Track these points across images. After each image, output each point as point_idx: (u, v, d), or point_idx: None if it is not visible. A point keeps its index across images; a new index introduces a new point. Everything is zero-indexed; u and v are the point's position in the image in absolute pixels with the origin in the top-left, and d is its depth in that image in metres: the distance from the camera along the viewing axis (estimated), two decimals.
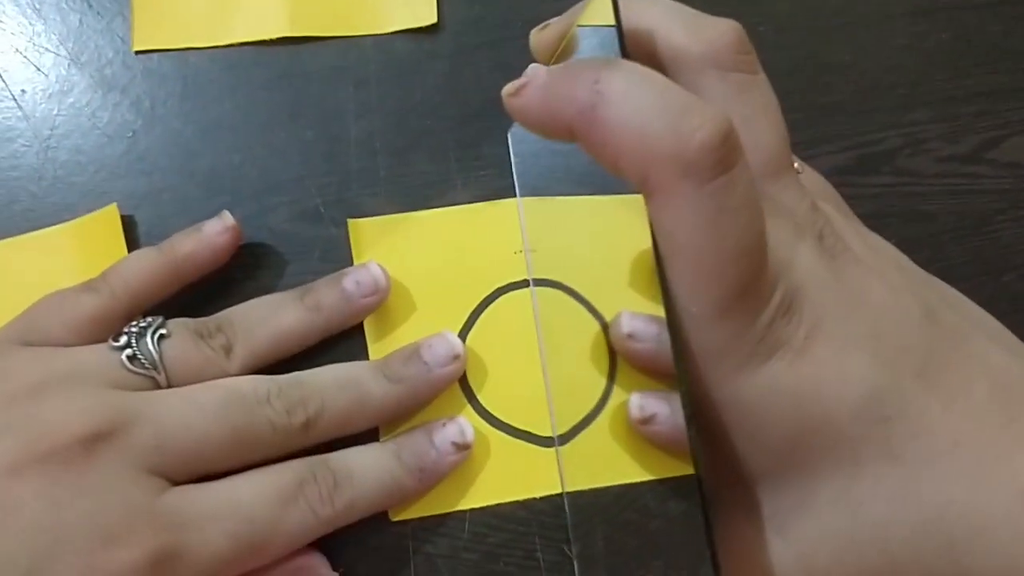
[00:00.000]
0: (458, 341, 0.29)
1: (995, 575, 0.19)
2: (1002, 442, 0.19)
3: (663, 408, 0.23)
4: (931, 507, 0.19)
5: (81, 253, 0.29)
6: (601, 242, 0.27)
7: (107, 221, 0.29)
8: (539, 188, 0.30)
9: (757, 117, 0.21)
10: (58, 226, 0.29)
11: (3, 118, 0.30)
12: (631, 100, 0.18)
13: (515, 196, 0.31)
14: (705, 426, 0.20)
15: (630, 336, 0.25)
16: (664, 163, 0.18)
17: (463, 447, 0.28)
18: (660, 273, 0.19)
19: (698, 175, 0.17)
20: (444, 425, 0.28)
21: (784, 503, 0.20)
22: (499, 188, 0.31)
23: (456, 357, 0.28)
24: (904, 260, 0.23)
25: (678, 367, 0.19)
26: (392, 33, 0.32)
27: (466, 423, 0.28)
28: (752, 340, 0.19)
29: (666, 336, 0.20)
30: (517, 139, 0.31)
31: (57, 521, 0.22)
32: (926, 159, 0.33)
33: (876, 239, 0.24)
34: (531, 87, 0.20)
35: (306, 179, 0.31)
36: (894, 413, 0.19)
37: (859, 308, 0.20)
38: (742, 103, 0.21)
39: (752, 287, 0.19)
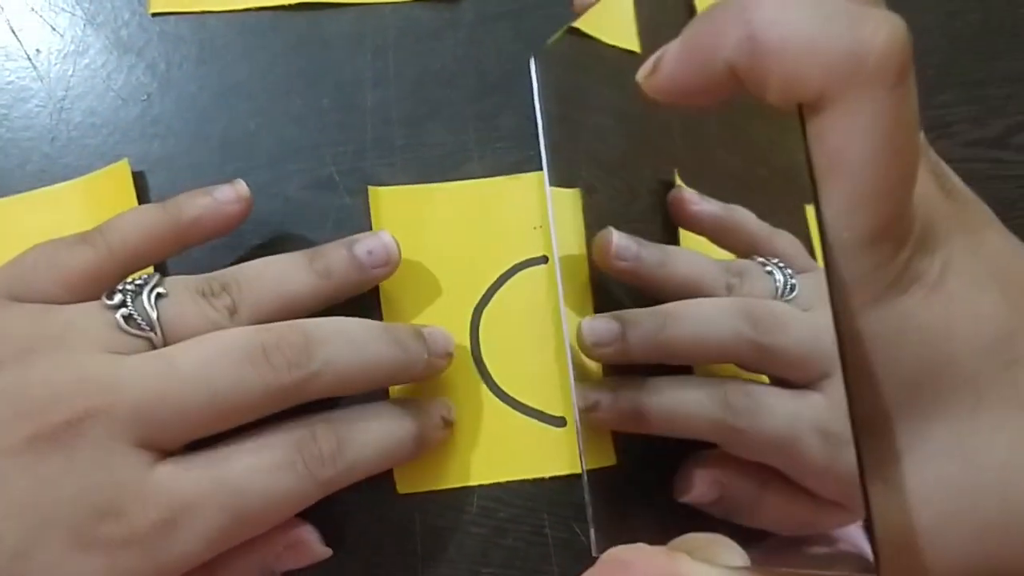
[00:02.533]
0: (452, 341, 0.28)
1: None
2: None
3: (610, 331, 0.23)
4: None
5: (92, 209, 0.29)
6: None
7: (118, 177, 0.29)
8: (563, 117, 0.29)
9: None
10: (68, 182, 0.29)
11: (17, 78, 0.30)
12: (791, 15, 0.17)
13: (531, 172, 0.30)
14: (851, 362, 0.19)
15: (617, 257, 0.26)
16: (843, 71, 0.17)
17: (448, 423, 0.28)
18: (815, 199, 0.18)
19: (878, 83, 0.16)
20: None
21: (893, 448, 0.19)
22: (517, 161, 0.31)
23: (449, 354, 0.28)
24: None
25: (832, 298, 0.18)
26: (412, 1, 0.32)
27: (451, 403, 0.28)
28: (893, 272, 0.18)
29: (646, 254, 0.20)
30: (543, 67, 0.29)
31: (45, 499, 0.21)
32: (952, 142, 0.33)
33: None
34: (668, 56, 0.19)
35: (321, 147, 0.30)
36: (1020, 356, 0.19)
37: (981, 248, 0.19)
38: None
39: (903, 216, 0.18)
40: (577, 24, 0.28)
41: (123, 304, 0.24)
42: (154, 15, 0.31)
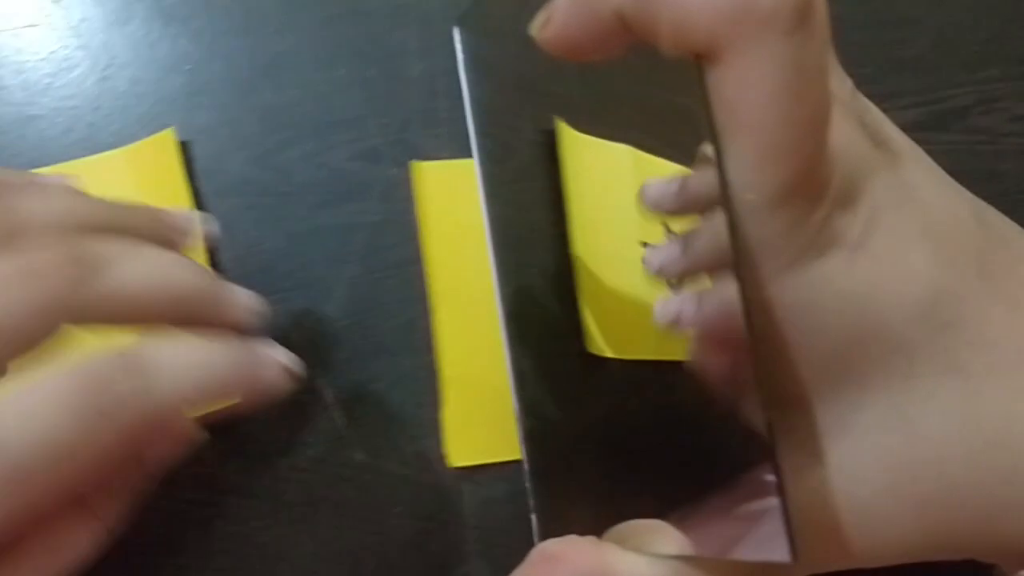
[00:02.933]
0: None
1: None
2: None
3: (688, 306, 0.20)
4: (994, 424, 0.17)
5: (137, 177, 0.29)
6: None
7: (163, 145, 0.29)
8: (490, 94, 0.27)
9: None
10: (114, 151, 0.29)
11: (61, 47, 0.30)
12: None
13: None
14: (759, 335, 0.17)
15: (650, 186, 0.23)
16: (736, 17, 0.15)
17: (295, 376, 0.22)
18: (718, 157, 0.16)
19: (773, 28, 0.15)
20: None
21: (827, 422, 0.18)
22: None
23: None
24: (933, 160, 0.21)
25: (738, 267, 0.16)
26: None
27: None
28: (808, 232, 0.17)
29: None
30: (468, 38, 0.27)
31: None
32: (999, 117, 0.32)
33: (906, 136, 0.21)
34: (559, 7, 0.18)
35: (367, 118, 0.30)
36: (954, 318, 0.17)
37: (912, 203, 0.18)
38: None
39: (814, 171, 0.16)
40: None
41: None
42: None
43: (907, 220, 0.17)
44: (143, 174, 0.29)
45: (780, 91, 0.16)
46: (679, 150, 0.21)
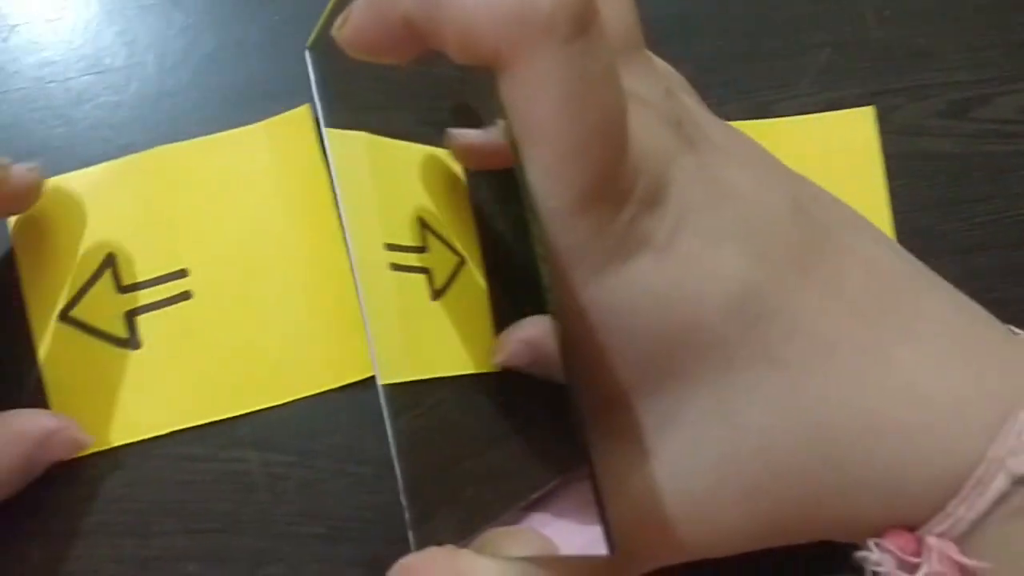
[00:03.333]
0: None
1: (881, 480, 0.18)
2: (879, 338, 0.18)
3: (517, 346, 0.21)
4: (812, 413, 0.18)
5: (274, 152, 0.29)
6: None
7: (299, 122, 0.29)
8: (346, 118, 0.28)
9: None
10: (250, 126, 0.29)
11: (197, 22, 0.30)
12: None
13: None
14: (568, 337, 0.18)
15: (461, 134, 0.25)
16: (515, 27, 0.16)
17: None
18: (518, 166, 0.17)
19: (552, 37, 0.15)
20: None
21: (654, 420, 0.19)
22: None
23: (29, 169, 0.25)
24: (766, 153, 0.21)
25: (543, 273, 0.17)
26: None
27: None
28: (614, 236, 0.17)
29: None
30: (318, 60, 0.28)
31: None
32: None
33: (736, 130, 0.22)
34: (355, 8, 0.18)
35: None
36: (767, 311, 0.18)
37: (725, 199, 0.18)
38: None
39: (613, 176, 0.17)
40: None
41: None
42: None
43: (718, 218, 0.18)
44: (280, 150, 0.29)
45: (565, 99, 0.16)
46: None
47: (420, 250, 0.27)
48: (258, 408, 0.26)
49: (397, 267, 0.27)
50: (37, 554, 0.27)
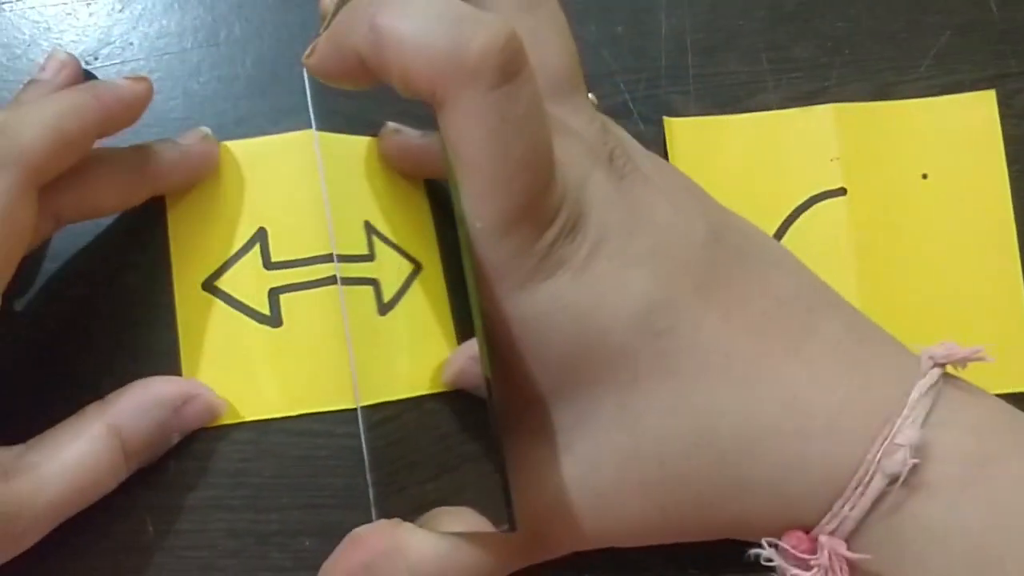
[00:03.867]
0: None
1: (769, 486, 0.19)
2: (773, 353, 0.20)
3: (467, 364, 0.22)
4: (704, 419, 0.19)
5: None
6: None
7: None
8: (337, 125, 0.28)
9: (545, 33, 0.21)
10: None
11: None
12: (409, 13, 0.18)
13: (827, 103, 0.30)
14: (492, 344, 0.20)
15: (396, 131, 0.26)
16: (445, 73, 0.18)
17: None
18: (452, 187, 0.19)
19: (479, 83, 0.17)
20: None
21: (568, 420, 0.20)
22: (811, 92, 0.30)
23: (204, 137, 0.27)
24: (693, 185, 0.23)
25: (470, 286, 0.19)
26: None
27: None
28: (534, 258, 0.19)
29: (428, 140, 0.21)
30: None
31: None
32: None
33: (666, 164, 0.24)
34: (320, 40, 0.20)
35: (615, 74, 0.30)
36: (669, 326, 0.19)
37: (643, 226, 0.20)
38: (529, 16, 0.21)
39: (536, 204, 0.19)
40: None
41: None
42: None
43: (632, 243, 0.20)
44: None
45: (490, 136, 0.18)
46: None
47: (366, 259, 0.27)
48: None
49: (346, 280, 0.26)
50: (152, 527, 0.27)
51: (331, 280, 0.27)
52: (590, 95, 0.24)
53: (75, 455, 0.24)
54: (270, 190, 0.28)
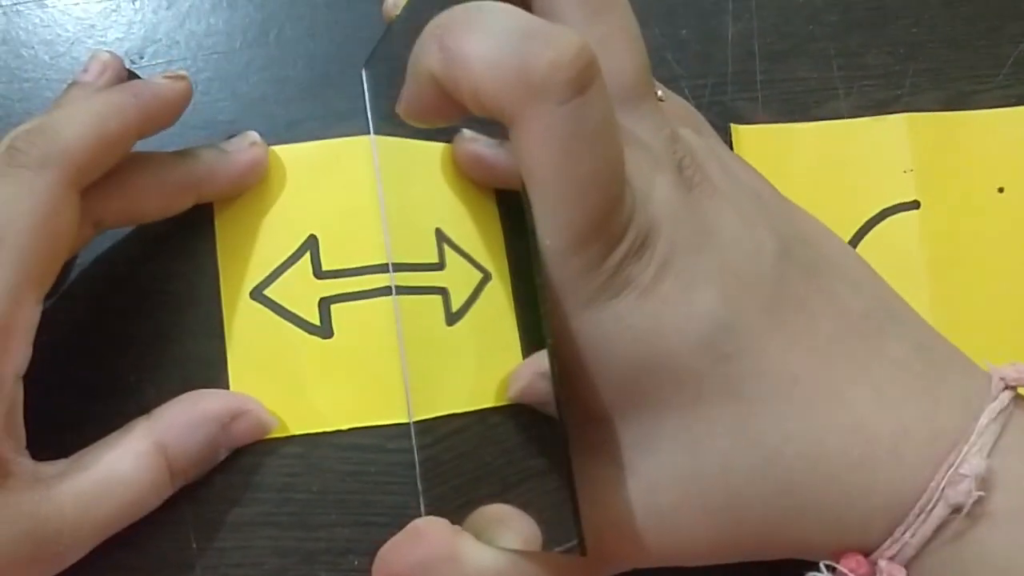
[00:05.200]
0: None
1: (831, 510, 0.19)
2: (838, 378, 0.20)
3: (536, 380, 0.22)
4: (769, 444, 0.19)
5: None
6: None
7: None
8: (397, 129, 0.27)
9: (614, 40, 0.20)
10: None
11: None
12: (477, 33, 0.18)
13: (899, 113, 0.29)
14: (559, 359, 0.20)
15: (473, 139, 0.26)
16: (514, 90, 0.17)
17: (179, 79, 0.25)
18: (525, 204, 0.19)
19: (548, 98, 0.17)
20: None
21: (630, 439, 0.20)
22: (883, 100, 0.29)
23: (253, 143, 0.26)
24: (766, 190, 0.23)
25: (541, 302, 0.19)
26: None
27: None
28: (602, 277, 0.19)
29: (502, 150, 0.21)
30: (373, 77, 0.28)
31: None
32: None
33: (740, 167, 0.23)
34: (405, 86, 0.20)
35: (680, 79, 0.29)
36: (735, 350, 0.19)
37: (710, 243, 0.20)
38: (598, 24, 0.20)
39: (606, 222, 0.18)
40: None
41: None
42: None
43: (699, 262, 0.19)
44: None
45: (558, 154, 0.18)
46: None
47: (436, 267, 0.26)
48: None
49: (412, 289, 0.26)
50: (196, 543, 0.26)
51: (385, 291, 0.26)
52: (658, 91, 0.23)
53: (120, 474, 0.23)
54: (322, 197, 0.27)
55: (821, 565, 0.20)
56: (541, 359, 0.19)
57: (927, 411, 0.19)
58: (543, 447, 0.20)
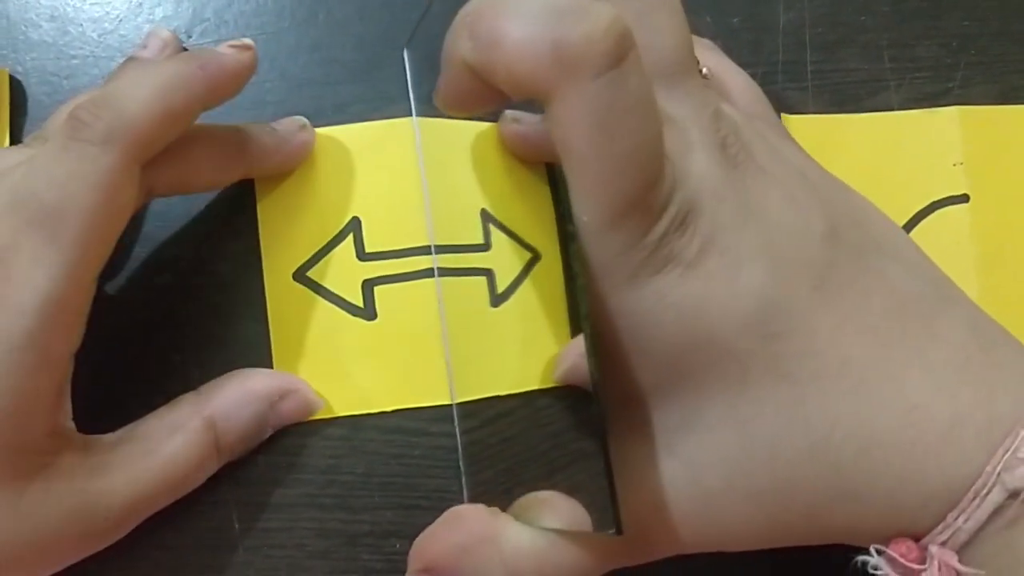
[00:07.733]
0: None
1: (882, 495, 0.19)
2: (891, 360, 0.19)
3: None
4: (818, 427, 0.19)
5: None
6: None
7: None
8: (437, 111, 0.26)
9: (655, 15, 0.20)
10: None
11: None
12: (509, 13, 0.17)
13: (951, 106, 0.29)
14: (597, 340, 0.19)
15: (515, 120, 0.25)
16: (549, 65, 0.17)
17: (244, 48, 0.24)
18: (561, 182, 0.18)
19: (582, 72, 0.17)
20: None
21: (673, 420, 0.20)
22: (934, 92, 0.29)
23: (303, 127, 0.26)
24: (814, 170, 0.22)
25: (578, 280, 0.18)
26: None
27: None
28: (643, 253, 0.18)
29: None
30: (414, 58, 0.28)
31: None
32: None
33: (788, 147, 0.23)
34: (441, 76, 0.20)
35: None
36: (784, 329, 0.19)
37: (756, 221, 0.19)
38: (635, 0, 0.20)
39: (645, 197, 0.18)
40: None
41: None
42: None
43: (747, 239, 0.19)
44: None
45: (595, 129, 0.17)
46: None
47: (481, 248, 0.26)
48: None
49: (456, 271, 0.25)
50: (238, 524, 0.26)
51: (429, 272, 0.26)
52: (703, 69, 0.23)
53: (170, 450, 0.23)
54: (365, 178, 0.27)
55: (871, 549, 0.19)
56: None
57: (983, 395, 0.19)
58: (589, 429, 0.20)
